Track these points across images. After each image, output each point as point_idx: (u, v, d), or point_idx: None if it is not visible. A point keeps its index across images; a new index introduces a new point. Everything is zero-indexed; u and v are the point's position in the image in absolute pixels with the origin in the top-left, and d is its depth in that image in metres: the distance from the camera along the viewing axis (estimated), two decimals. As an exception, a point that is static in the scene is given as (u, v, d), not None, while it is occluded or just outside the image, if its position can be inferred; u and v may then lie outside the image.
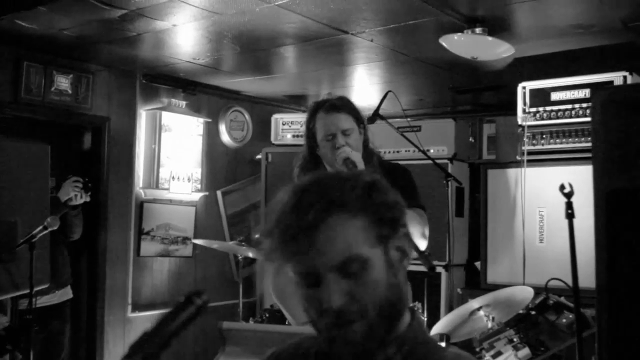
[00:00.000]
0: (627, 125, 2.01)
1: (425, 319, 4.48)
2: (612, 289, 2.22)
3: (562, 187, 2.27)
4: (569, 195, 2.29)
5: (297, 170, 3.08)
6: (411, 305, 3.91)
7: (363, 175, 1.36)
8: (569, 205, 2.30)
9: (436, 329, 3.66)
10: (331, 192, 1.29)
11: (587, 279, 2.58)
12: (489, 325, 3.42)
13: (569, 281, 2.59)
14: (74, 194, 4.73)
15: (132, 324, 5.91)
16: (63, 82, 5.37)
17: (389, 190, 1.36)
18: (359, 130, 2.98)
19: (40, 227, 3.83)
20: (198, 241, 5.56)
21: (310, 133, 2.99)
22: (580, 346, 2.57)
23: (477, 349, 3.36)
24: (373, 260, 1.29)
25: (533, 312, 3.41)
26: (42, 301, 4.60)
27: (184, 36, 4.76)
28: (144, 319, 5.93)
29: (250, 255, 5.23)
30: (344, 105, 2.97)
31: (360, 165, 2.87)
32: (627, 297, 2.18)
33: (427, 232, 3.13)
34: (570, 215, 2.30)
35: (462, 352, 1.44)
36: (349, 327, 1.29)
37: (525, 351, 3.11)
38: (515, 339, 3.24)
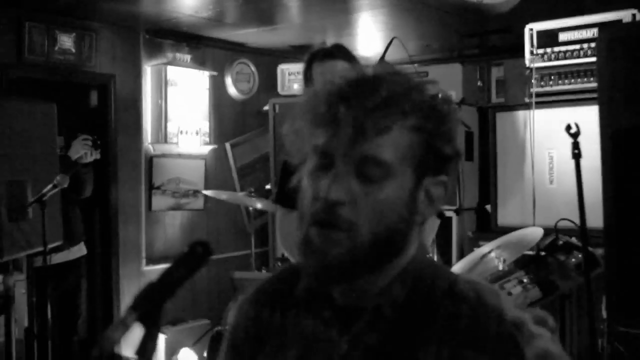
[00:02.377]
0: (632, 63, 1.99)
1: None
2: (620, 228, 2.22)
3: (568, 128, 2.25)
4: (575, 135, 2.27)
5: None
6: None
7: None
8: (576, 145, 2.29)
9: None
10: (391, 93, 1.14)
11: (597, 219, 2.58)
12: (500, 266, 3.44)
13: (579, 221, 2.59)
14: (84, 152, 4.75)
15: (147, 277, 5.97)
16: (66, 41, 5.34)
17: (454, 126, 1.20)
18: None
19: (50, 186, 3.86)
20: (208, 192, 5.55)
21: (309, 83, 2.95)
22: (589, 285, 2.59)
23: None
24: (396, 178, 1.14)
25: (543, 253, 3.42)
26: (57, 258, 4.66)
27: (185, -12, 4.72)
28: (159, 272, 5.95)
29: (259, 206, 5.23)
30: (339, 52, 2.91)
31: None
32: (635, 236, 2.19)
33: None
34: (576, 156, 2.29)
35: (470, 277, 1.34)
36: (331, 230, 1.14)
37: (535, 292, 3.13)
38: (525, 280, 3.25)
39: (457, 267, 3.69)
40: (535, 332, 1.18)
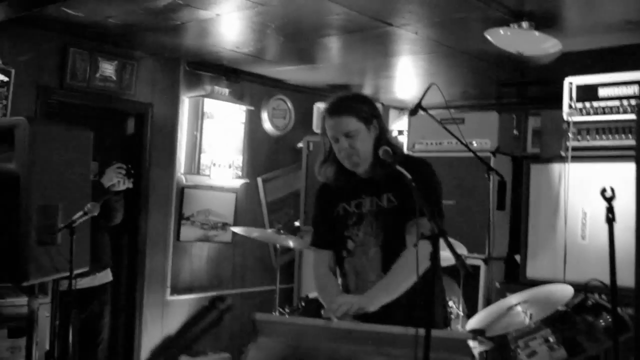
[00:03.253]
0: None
1: (462, 313, 4.43)
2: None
3: (603, 191, 2.21)
4: (610, 200, 2.23)
5: (317, 164, 3.12)
6: (447, 299, 3.86)
7: None
8: (610, 210, 2.24)
9: (472, 323, 3.62)
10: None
11: (629, 277, 2.53)
12: (526, 321, 3.36)
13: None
14: (117, 180, 4.78)
15: (170, 306, 5.99)
16: (108, 69, 5.43)
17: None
18: (367, 127, 2.92)
19: (81, 213, 3.87)
20: (236, 229, 5.56)
21: (324, 132, 3.01)
22: (617, 350, 2.52)
23: (512, 347, 3.31)
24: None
25: (571, 312, 3.35)
26: (83, 283, 4.68)
27: (227, 26, 4.77)
28: (182, 302, 6.01)
29: (291, 244, 5.23)
30: (347, 107, 2.91)
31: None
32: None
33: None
34: (610, 220, 2.25)
35: None
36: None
37: (560, 352, 3.06)
38: (551, 339, 3.18)
39: (482, 315, 3.63)
40: None
